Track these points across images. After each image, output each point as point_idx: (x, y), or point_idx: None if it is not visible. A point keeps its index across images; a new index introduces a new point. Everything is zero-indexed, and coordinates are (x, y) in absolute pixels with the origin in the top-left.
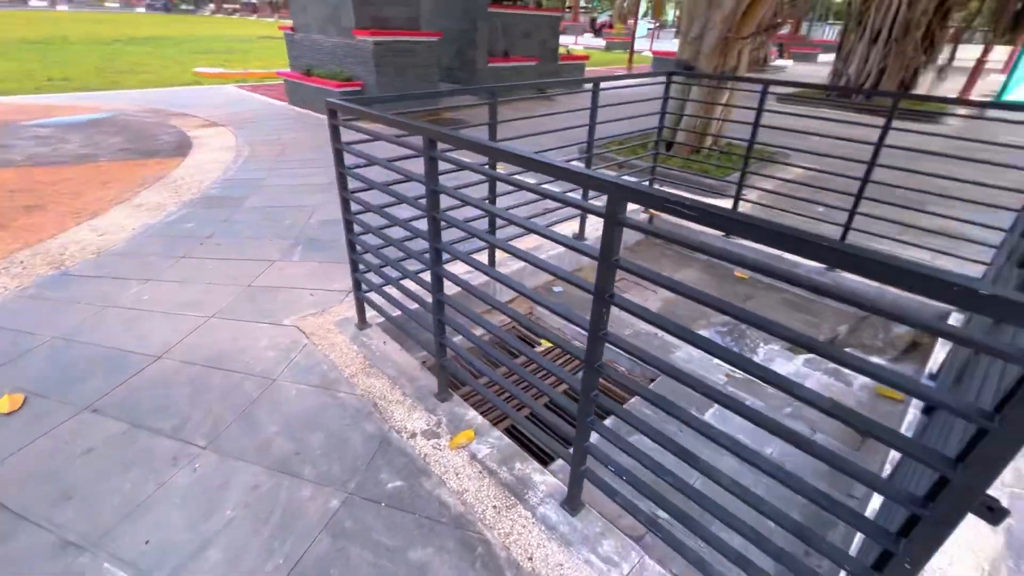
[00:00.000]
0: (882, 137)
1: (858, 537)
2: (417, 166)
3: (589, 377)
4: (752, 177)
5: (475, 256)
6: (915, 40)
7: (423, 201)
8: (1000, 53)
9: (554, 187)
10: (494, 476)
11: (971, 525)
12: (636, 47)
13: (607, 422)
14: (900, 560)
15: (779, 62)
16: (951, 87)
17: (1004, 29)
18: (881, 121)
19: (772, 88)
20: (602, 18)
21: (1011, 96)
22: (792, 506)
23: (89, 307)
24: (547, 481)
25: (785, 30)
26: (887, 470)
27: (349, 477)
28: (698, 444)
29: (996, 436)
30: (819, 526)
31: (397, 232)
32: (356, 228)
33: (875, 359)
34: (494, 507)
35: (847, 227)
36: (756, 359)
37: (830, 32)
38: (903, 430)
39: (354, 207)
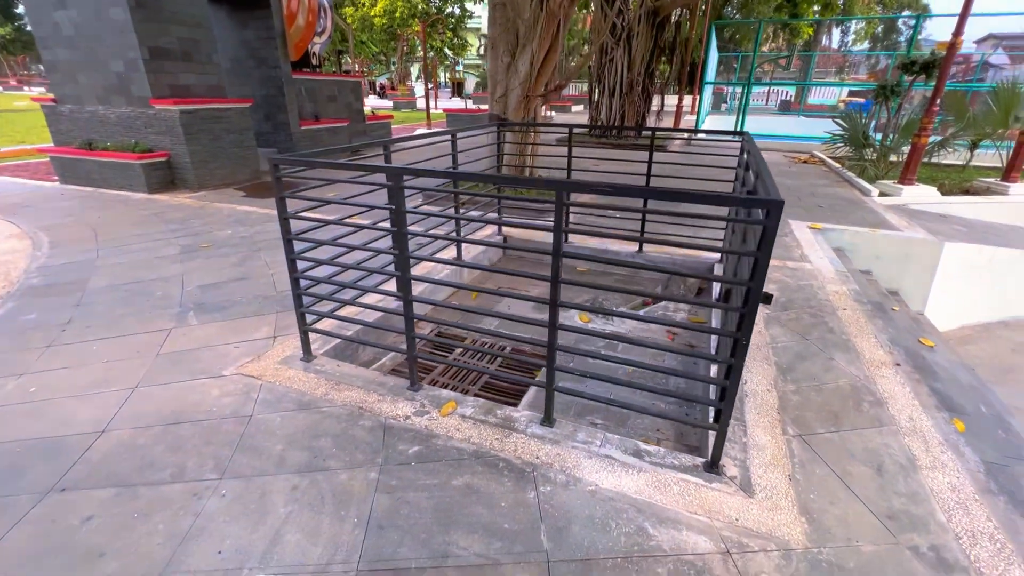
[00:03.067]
0: (650, 159)
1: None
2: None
3: (554, 313)
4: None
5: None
6: (637, 93)
7: (382, 225)
8: (688, 100)
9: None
10: (485, 423)
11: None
12: (422, 106)
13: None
14: (740, 342)
15: (547, 113)
16: (666, 124)
17: (684, 85)
18: (627, 151)
19: (551, 130)
20: (381, 80)
21: (704, 126)
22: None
23: None
24: (524, 414)
25: None
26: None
27: (373, 456)
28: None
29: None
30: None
31: (344, 262)
32: (300, 266)
33: (681, 304)
34: (496, 439)
35: (643, 215)
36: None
37: (574, 89)
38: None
39: (298, 247)
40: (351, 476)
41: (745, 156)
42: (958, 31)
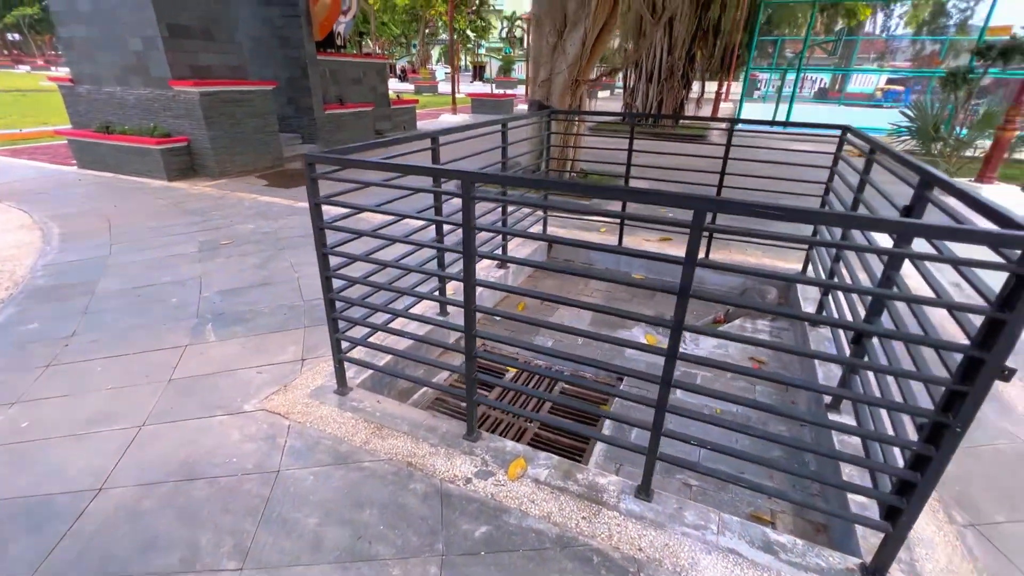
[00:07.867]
0: (726, 155)
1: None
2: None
3: (669, 366)
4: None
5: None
6: (677, 79)
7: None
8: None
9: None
10: (566, 491)
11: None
12: (443, 90)
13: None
14: (952, 429)
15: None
16: (704, 112)
17: (726, 71)
18: (664, 141)
19: (589, 119)
20: (401, 63)
21: (743, 115)
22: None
23: None
24: (611, 480)
25: None
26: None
27: (432, 540)
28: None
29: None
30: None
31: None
32: (336, 284)
33: (760, 322)
34: (583, 518)
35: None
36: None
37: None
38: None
39: (333, 262)
40: (406, 571)
41: (851, 157)
42: None
